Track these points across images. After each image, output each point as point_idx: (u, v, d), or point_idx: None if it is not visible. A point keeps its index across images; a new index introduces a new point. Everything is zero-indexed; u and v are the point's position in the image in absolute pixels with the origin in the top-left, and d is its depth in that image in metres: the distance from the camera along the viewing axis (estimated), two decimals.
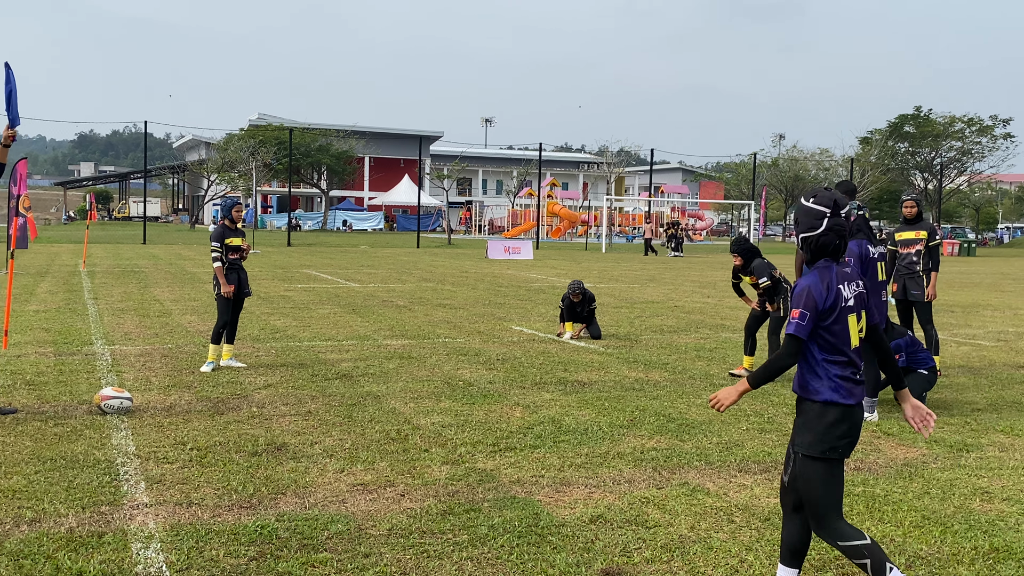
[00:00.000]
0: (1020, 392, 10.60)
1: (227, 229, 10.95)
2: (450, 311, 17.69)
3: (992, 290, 27.06)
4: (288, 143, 59.27)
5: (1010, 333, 16.12)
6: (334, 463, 7.01)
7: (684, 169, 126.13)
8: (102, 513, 5.79)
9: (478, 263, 36.01)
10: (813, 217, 4.46)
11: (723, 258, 46.54)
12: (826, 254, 4.46)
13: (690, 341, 14.18)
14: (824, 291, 4.37)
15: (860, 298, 4.48)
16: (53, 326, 14.18)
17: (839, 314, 4.36)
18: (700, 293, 23.52)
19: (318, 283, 23.90)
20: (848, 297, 4.41)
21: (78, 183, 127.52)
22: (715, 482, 6.76)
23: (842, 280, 4.43)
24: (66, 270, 26.35)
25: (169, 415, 8.47)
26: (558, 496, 6.33)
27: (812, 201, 4.49)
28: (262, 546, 5.29)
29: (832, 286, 4.38)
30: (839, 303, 4.36)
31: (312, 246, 48.47)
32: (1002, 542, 5.62)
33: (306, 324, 15.17)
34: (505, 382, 10.43)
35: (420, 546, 5.35)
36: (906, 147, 79.21)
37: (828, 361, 4.38)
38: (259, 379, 10.29)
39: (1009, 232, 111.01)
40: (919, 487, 6.75)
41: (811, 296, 4.35)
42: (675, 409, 9.19)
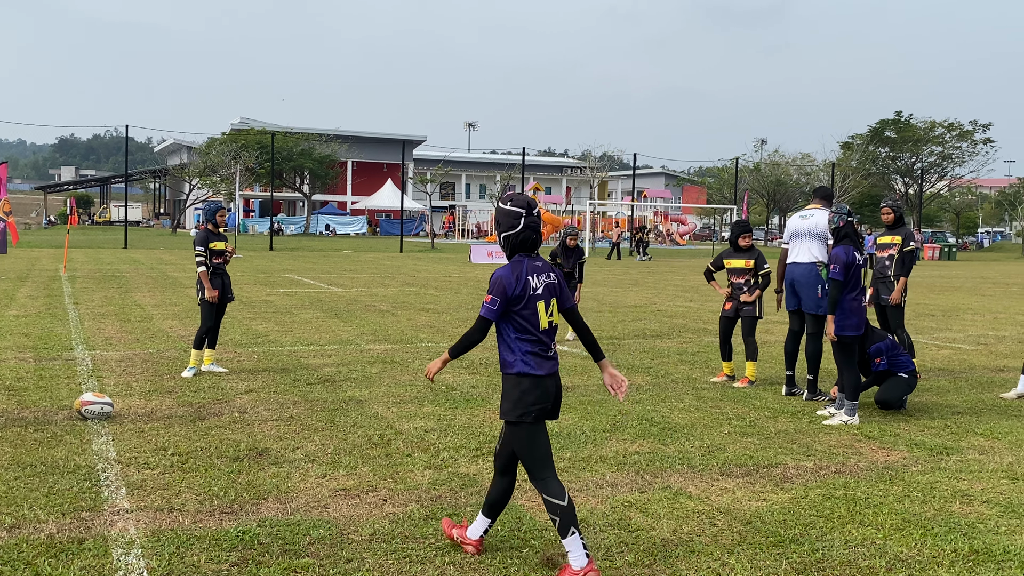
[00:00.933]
0: (1000, 395, 10.67)
1: (211, 233, 10.92)
2: (433, 315, 17.68)
3: (972, 294, 27.25)
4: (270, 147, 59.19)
5: (990, 337, 16.24)
6: (316, 468, 7.00)
7: (667, 173, 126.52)
8: (82, 519, 5.75)
9: (461, 267, 36.00)
10: (512, 218, 5.13)
11: (694, 263, 46.67)
12: (523, 249, 5.15)
13: (672, 345, 14.22)
14: (514, 282, 5.06)
15: (550, 288, 5.17)
16: (33, 331, 14.09)
17: (527, 301, 5.06)
18: (683, 297, 23.59)
19: (300, 288, 23.84)
20: (536, 287, 5.10)
21: (59, 187, 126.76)
22: (697, 486, 6.77)
23: (532, 272, 5.12)
24: (46, 275, 26.18)
25: (150, 420, 8.43)
26: (541, 501, 6.33)
27: (510, 204, 5.15)
28: (244, 552, 5.28)
29: (522, 277, 5.08)
30: (527, 292, 5.06)
31: (295, 251, 48.35)
32: (982, 544, 5.66)
33: (288, 329, 15.13)
34: (488, 386, 10.43)
35: (403, 551, 5.34)
36: (887, 152, 79.72)
37: (520, 339, 5.06)
38: (241, 384, 10.26)
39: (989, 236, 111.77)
40: (899, 490, 6.79)
41: (502, 285, 5.06)
42: (657, 413, 9.21)
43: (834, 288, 8.99)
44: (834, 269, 8.98)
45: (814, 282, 10.01)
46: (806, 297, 10.08)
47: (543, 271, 5.16)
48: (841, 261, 8.99)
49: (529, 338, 5.06)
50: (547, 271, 5.18)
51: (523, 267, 5.11)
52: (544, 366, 5.04)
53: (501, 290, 5.05)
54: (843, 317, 9.01)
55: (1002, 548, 5.60)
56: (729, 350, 11.15)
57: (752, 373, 10.88)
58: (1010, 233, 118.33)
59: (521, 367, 5.03)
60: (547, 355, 5.08)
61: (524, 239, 5.12)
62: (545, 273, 5.16)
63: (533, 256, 5.19)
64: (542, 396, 5.01)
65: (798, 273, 10.16)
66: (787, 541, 5.65)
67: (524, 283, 5.07)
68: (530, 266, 5.12)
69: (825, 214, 10.04)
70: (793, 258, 10.23)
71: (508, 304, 5.05)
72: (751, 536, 5.73)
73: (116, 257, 36.99)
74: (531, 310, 5.06)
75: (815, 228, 10.09)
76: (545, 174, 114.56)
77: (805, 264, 10.10)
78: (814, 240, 10.08)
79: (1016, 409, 9.93)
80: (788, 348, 10.42)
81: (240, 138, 79.73)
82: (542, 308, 5.08)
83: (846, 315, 9.02)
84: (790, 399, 10.12)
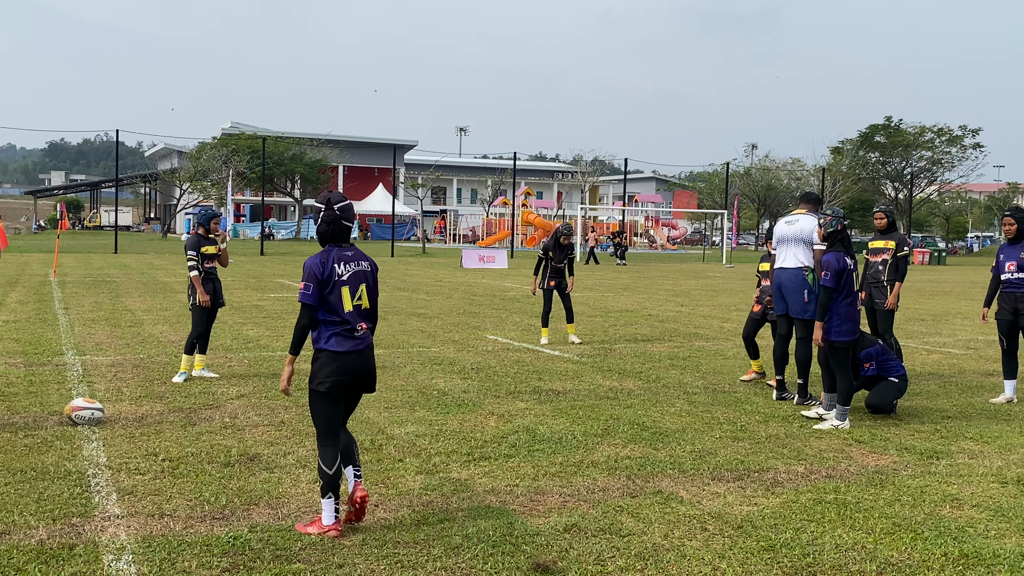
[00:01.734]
0: (989, 400, 10.71)
1: (202, 238, 10.93)
2: (424, 320, 17.67)
3: (962, 298, 27.34)
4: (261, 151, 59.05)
5: (980, 341, 16.29)
6: (307, 473, 6.99)
7: (658, 178, 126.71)
8: (73, 525, 5.74)
9: (453, 272, 36.00)
10: (315, 212, 5.80)
11: (670, 267, 46.74)
12: (332, 240, 5.78)
13: (664, 350, 14.24)
14: (321, 268, 5.67)
15: (358, 275, 5.78)
16: (23, 336, 14.04)
17: (333, 286, 5.67)
18: (674, 302, 23.62)
19: (292, 292, 23.80)
20: (343, 274, 5.71)
21: (49, 192, 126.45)
22: (688, 490, 6.79)
23: (339, 260, 5.73)
24: (36, 280, 26.10)
25: (141, 426, 8.41)
26: (532, 505, 6.34)
27: (316, 201, 5.85)
28: (235, 557, 5.27)
29: (328, 264, 5.68)
30: (333, 278, 5.66)
31: (286, 255, 48.28)
32: (971, 548, 5.68)
33: (279, 334, 15.11)
34: (479, 391, 10.43)
35: (394, 556, 5.34)
36: (877, 157, 79.96)
37: (326, 321, 5.67)
38: (232, 389, 10.24)
39: (979, 241, 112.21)
40: (890, 494, 6.81)
41: (312, 271, 5.66)
42: (649, 418, 9.22)
43: (824, 295, 9.02)
44: (825, 276, 9.01)
45: (800, 287, 10.04)
46: (792, 302, 10.11)
47: (353, 260, 5.78)
48: (833, 268, 9.01)
49: (334, 319, 5.66)
50: (358, 260, 5.80)
51: (331, 256, 5.73)
52: (345, 344, 5.67)
53: (312, 276, 5.66)
54: (839, 323, 9.05)
55: (992, 552, 5.63)
56: (755, 348, 11.42)
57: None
58: (999, 238, 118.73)
59: (323, 344, 5.68)
60: (352, 335, 5.70)
61: (329, 231, 5.76)
62: (355, 262, 5.78)
63: (344, 246, 5.81)
64: (337, 370, 5.64)
65: (784, 278, 10.21)
66: (778, 545, 5.66)
67: (331, 270, 5.68)
68: (338, 255, 5.74)
69: (811, 219, 10.07)
70: (780, 263, 10.28)
71: (320, 288, 5.64)
72: (742, 540, 5.74)
73: (106, 262, 36.90)
74: (336, 294, 5.66)
75: (800, 233, 10.12)
76: (537, 179, 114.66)
77: (791, 269, 10.14)
78: (800, 245, 10.11)
79: (1005, 413, 9.97)
80: (777, 353, 10.45)
81: (231, 142, 79.59)
82: (347, 293, 5.69)
83: (842, 320, 9.06)
84: (781, 404, 10.15)
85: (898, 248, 11.38)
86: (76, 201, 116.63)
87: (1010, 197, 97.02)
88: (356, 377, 5.73)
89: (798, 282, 10.06)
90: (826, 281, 9.00)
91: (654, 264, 49.71)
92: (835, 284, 9.00)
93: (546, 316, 14.82)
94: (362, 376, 5.76)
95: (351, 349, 5.68)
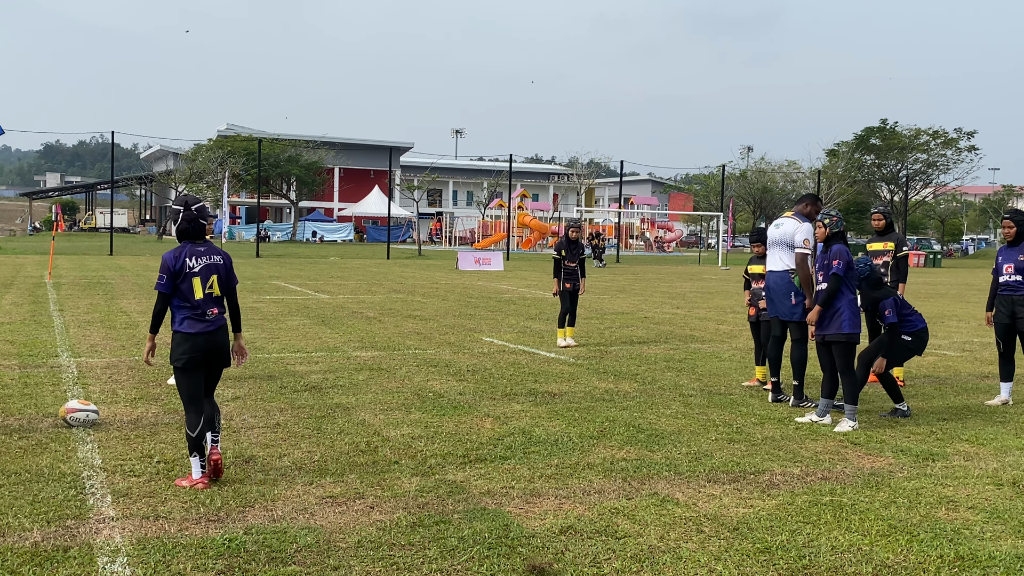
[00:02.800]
0: (985, 402, 10.72)
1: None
2: (420, 322, 17.66)
3: (957, 301, 27.38)
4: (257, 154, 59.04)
5: (975, 343, 16.31)
6: (303, 476, 6.98)
7: (654, 181, 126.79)
8: (68, 527, 5.72)
9: (448, 274, 35.99)
10: (175, 213, 6.79)
11: (666, 269, 46.77)
12: (187, 237, 6.74)
13: (659, 352, 14.24)
14: (174, 262, 6.64)
15: (209, 267, 6.73)
16: (18, 338, 14.02)
17: (185, 277, 6.63)
18: (670, 304, 23.64)
19: (287, 295, 23.79)
20: (193, 266, 6.67)
21: (44, 194, 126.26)
22: (684, 492, 6.78)
23: (192, 255, 6.69)
24: (31, 282, 26.06)
25: (136, 428, 8.39)
26: (528, 507, 6.34)
27: (173, 204, 6.81)
28: (230, 560, 5.26)
29: (181, 258, 6.66)
30: (184, 270, 6.63)
31: (281, 257, 48.26)
32: (967, 550, 5.68)
33: (275, 336, 15.10)
34: (475, 393, 10.42)
35: (390, 559, 5.33)
36: (872, 159, 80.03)
37: (180, 307, 6.67)
38: (227, 391, 10.22)
39: (974, 243, 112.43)
40: (886, 496, 6.81)
41: (167, 265, 6.63)
42: (645, 420, 9.22)
43: (834, 282, 9.11)
44: (838, 265, 9.10)
45: (787, 290, 10.06)
46: (780, 304, 10.12)
47: (205, 254, 6.76)
48: (845, 258, 9.13)
49: (186, 305, 6.66)
50: (210, 254, 6.78)
51: (184, 251, 6.70)
52: (196, 327, 6.65)
53: (166, 268, 6.63)
54: (852, 316, 9.11)
55: (987, 554, 5.63)
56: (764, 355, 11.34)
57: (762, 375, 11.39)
58: (995, 240, 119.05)
59: (177, 326, 6.68)
60: (202, 319, 6.68)
61: (189, 229, 6.74)
62: (207, 256, 6.76)
63: (197, 243, 6.78)
64: (191, 348, 6.62)
65: (771, 281, 10.23)
66: (774, 547, 5.66)
67: (183, 263, 6.65)
68: (191, 250, 6.72)
69: (793, 222, 10.11)
70: (769, 266, 10.32)
71: (173, 279, 6.60)
72: (738, 543, 5.74)
73: (102, 264, 36.84)
74: (188, 284, 6.65)
75: (783, 236, 10.13)
76: (532, 181, 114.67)
77: (778, 272, 10.16)
78: (784, 249, 10.12)
79: (1001, 415, 9.98)
80: (772, 355, 10.46)
81: (227, 144, 79.54)
82: (198, 283, 6.66)
83: (855, 315, 9.13)
84: (776, 405, 10.15)
85: (897, 248, 11.41)
86: (71, 203, 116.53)
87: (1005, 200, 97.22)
88: (207, 354, 6.70)
89: (784, 285, 10.07)
90: (838, 269, 9.08)
91: (650, 266, 49.74)
92: (845, 273, 9.09)
93: (563, 319, 14.84)
94: (214, 353, 6.73)
95: (202, 330, 6.66)
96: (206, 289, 6.68)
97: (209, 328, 6.69)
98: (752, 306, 11.38)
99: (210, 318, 6.70)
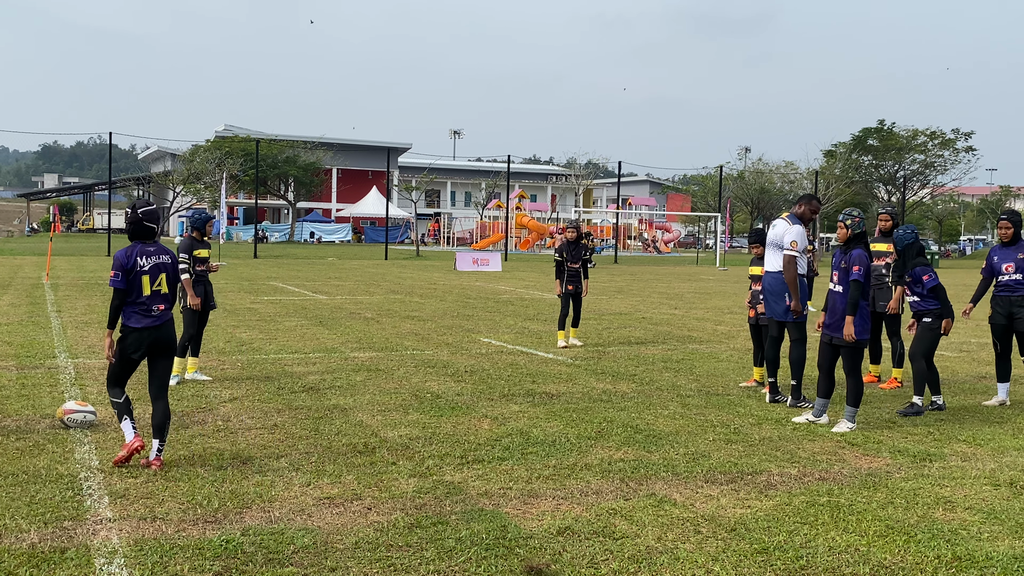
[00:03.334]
0: (982, 402, 10.73)
1: (195, 241, 10.90)
2: (418, 323, 17.66)
3: (955, 301, 27.31)
4: (255, 154, 59.01)
5: (972, 344, 16.32)
6: (300, 477, 6.98)
7: (651, 181, 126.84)
8: (65, 528, 5.72)
9: (446, 275, 35.99)
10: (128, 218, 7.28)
11: (664, 270, 46.76)
12: (137, 238, 7.29)
13: (657, 353, 14.25)
14: (126, 260, 7.13)
15: (158, 266, 7.24)
16: (15, 339, 14.00)
17: (135, 275, 7.13)
18: (667, 305, 23.64)
19: (285, 295, 23.78)
20: (144, 265, 7.17)
21: (41, 195, 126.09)
22: (682, 493, 6.79)
23: (142, 255, 7.21)
24: (29, 283, 26.04)
25: None
26: (526, 508, 6.34)
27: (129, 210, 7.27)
28: (227, 561, 5.25)
29: (132, 257, 7.16)
30: (136, 268, 7.15)
31: (279, 258, 48.24)
32: (964, 551, 5.69)
33: (272, 337, 15.09)
34: (473, 394, 10.42)
35: (387, 560, 5.33)
36: (870, 160, 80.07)
37: (130, 303, 7.15)
38: (224, 392, 10.22)
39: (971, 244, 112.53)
40: (883, 496, 6.81)
41: (120, 262, 7.10)
42: (642, 420, 9.22)
43: (855, 289, 9.03)
44: (858, 271, 9.03)
45: (782, 291, 10.06)
46: (775, 305, 10.13)
47: (154, 254, 7.26)
48: (865, 265, 9.07)
49: (137, 301, 7.14)
50: (159, 254, 7.27)
51: (135, 250, 7.20)
52: (143, 321, 7.15)
53: (119, 265, 7.11)
54: (861, 322, 9.10)
55: (985, 554, 5.63)
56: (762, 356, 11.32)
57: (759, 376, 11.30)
58: (992, 241, 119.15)
59: (126, 321, 7.15)
60: (149, 314, 7.16)
61: (135, 230, 7.27)
62: (156, 256, 7.26)
63: (147, 243, 7.29)
64: (135, 342, 7.13)
65: (766, 282, 10.27)
66: (771, 548, 5.66)
67: (134, 262, 7.14)
68: (141, 250, 7.22)
69: (785, 224, 10.14)
70: (765, 267, 10.35)
71: (126, 275, 7.08)
72: (735, 543, 5.74)
73: (99, 264, 36.81)
74: (137, 282, 7.12)
75: (775, 238, 10.16)
76: (531, 182, 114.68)
77: (771, 273, 10.18)
78: (776, 250, 10.14)
79: (998, 416, 9.99)
80: (770, 355, 10.46)
81: (224, 145, 79.47)
82: (146, 280, 7.15)
83: (864, 320, 9.12)
84: (774, 406, 10.16)
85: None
86: (69, 204, 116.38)
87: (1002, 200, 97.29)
88: (152, 347, 7.19)
89: (779, 286, 10.09)
90: (857, 276, 9.02)
91: (647, 267, 49.75)
92: (867, 280, 9.05)
93: (563, 320, 14.84)
94: (159, 345, 7.22)
95: (148, 325, 7.16)
96: (154, 286, 7.19)
97: (155, 323, 7.19)
98: (752, 308, 11.38)
99: (156, 314, 7.19)
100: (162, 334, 7.20)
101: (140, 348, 7.13)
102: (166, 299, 7.26)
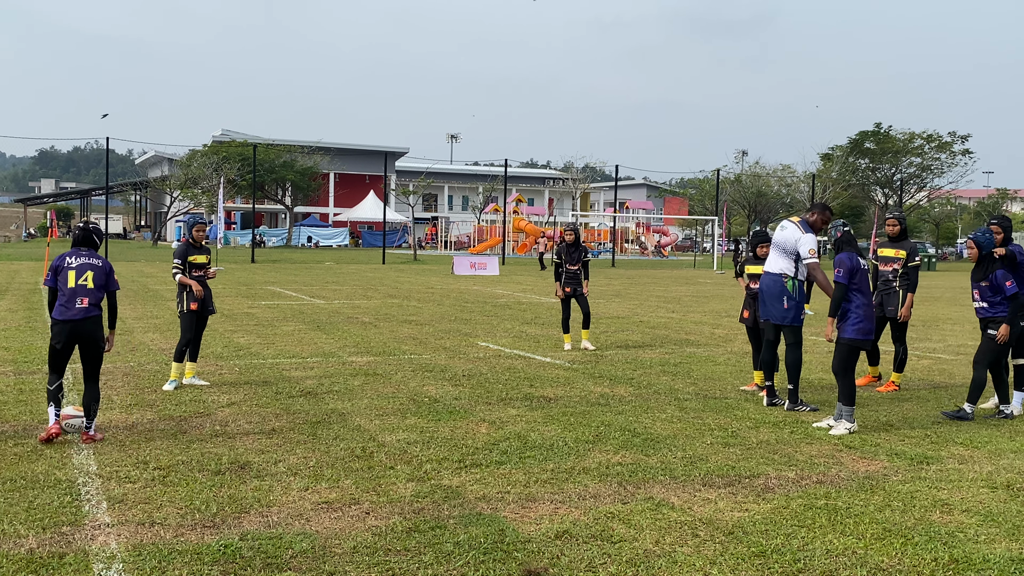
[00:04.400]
0: (979, 405, 10.73)
1: (191, 247, 10.90)
2: (416, 327, 17.66)
3: (952, 304, 27.42)
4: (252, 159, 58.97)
5: (970, 347, 16.34)
6: (298, 481, 6.98)
7: (649, 185, 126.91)
8: (63, 534, 5.72)
9: (444, 279, 35.99)
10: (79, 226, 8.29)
11: (661, 273, 46.80)
12: (78, 244, 8.25)
13: (655, 356, 14.26)
14: (58, 260, 8.10)
15: (83, 266, 8.09)
16: (13, 344, 14.00)
17: (62, 272, 8.05)
18: (665, 308, 23.65)
19: (282, 300, 23.78)
20: (71, 263, 8.10)
21: (39, 200, 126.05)
22: (680, 496, 6.79)
23: (73, 255, 8.15)
24: (26, 288, 26.03)
25: (131, 434, 8.39)
26: (524, 512, 6.34)
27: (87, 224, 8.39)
28: (225, 565, 5.26)
29: (63, 257, 8.12)
30: (63, 265, 8.08)
31: (276, 263, 48.23)
32: (961, 553, 5.70)
33: (270, 341, 15.09)
34: (471, 398, 10.43)
35: (385, 564, 5.34)
36: (867, 163, 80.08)
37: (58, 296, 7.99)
38: (222, 397, 10.22)
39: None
40: (880, 499, 6.82)
41: (52, 263, 8.01)
42: (640, 424, 9.23)
43: (838, 290, 9.15)
44: (838, 273, 9.15)
45: (780, 293, 10.05)
46: (772, 307, 10.10)
47: (85, 256, 8.17)
48: (846, 266, 9.16)
49: (60, 295, 7.99)
50: (90, 258, 8.17)
51: (69, 253, 8.19)
52: (65, 314, 7.92)
53: (52, 266, 8.06)
54: (856, 320, 9.13)
55: (982, 557, 5.65)
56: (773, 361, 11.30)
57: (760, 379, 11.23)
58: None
59: (52, 313, 7.99)
60: (71, 308, 7.93)
61: (73, 238, 8.25)
62: (86, 258, 8.16)
63: (82, 249, 8.22)
64: (58, 333, 7.93)
65: (764, 283, 10.22)
66: (769, 551, 5.67)
67: (64, 261, 8.09)
68: (75, 253, 8.19)
69: (795, 230, 10.04)
70: (765, 267, 10.30)
71: (55, 274, 8.04)
72: (733, 546, 5.75)
73: None
74: (64, 277, 8.02)
75: (781, 241, 10.11)
76: (528, 185, 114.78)
77: (771, 275, 10.14)
78: (780, 252, 10.10)
79: (995, 419, 10.00)
80: (766, 358, 10.45)
81: (222, 150, 79.50)
82: (72, 275, 7.99)
83: (860, 319, 9.14)
84: (771, 409, 10.16)
85: (909, 258, 11.39)
86: (66, 209, 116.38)
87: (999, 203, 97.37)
88: (71, 338, 7.95)
89: (778, 288, 10.07)
90: (839, 278, 9.12)
91: (644, 271, 49.77)
92: (848, 281, 9.11)
93: (565, 322, 14.86)
94: (78, 337, 7.96)
95: (69, 318, 7.92)
96: (79, 280, 8.00)
97: (76, 316, 7.93)
98: (746, 308, 11.36)
99: (79, 307, 7.94)
100: (82, 328, 7.93)
101: (61, 339, 7.91)
102: (92, 295, 8.01)
